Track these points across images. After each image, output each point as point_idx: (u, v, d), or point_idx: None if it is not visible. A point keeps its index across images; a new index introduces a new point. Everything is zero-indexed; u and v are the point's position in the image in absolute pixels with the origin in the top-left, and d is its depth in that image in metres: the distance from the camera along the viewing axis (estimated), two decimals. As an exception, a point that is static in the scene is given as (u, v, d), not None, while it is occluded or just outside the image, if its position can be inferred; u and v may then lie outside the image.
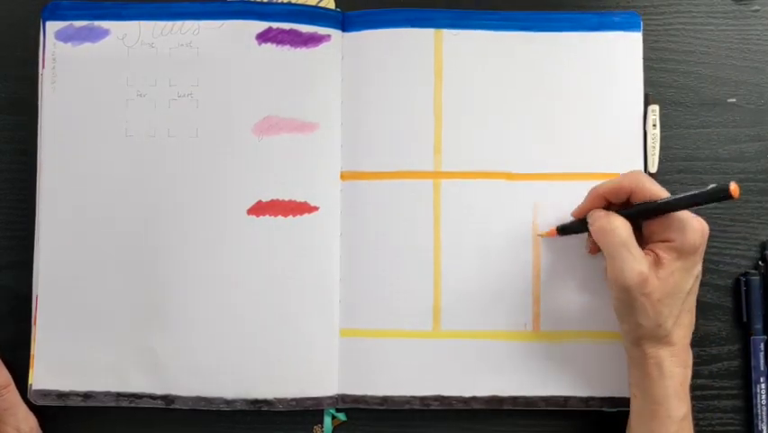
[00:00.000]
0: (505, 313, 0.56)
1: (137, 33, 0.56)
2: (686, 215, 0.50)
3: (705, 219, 0.55)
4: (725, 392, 0.57)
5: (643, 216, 0.51)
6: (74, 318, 0.55)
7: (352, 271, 0.56)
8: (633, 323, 0.50)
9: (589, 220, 0.52)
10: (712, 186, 0.48)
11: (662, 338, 0.50)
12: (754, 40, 0.58)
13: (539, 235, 0.56)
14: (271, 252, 0.56)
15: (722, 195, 0.47)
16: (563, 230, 0.55)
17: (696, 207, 0.49)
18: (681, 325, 0.50)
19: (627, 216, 0.51)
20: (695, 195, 0.48)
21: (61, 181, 0.56)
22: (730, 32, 0.58)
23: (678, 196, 0.49)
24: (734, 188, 0.46)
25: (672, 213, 0.50)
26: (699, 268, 0.51)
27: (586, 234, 0.54)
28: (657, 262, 0.49)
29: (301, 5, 0.57)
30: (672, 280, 0.49)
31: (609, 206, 0.53)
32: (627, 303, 0.49)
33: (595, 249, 0.55)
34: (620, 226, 0.50)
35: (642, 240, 0.51)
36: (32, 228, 0.56)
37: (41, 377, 0.55)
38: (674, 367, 0.50)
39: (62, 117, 0.56)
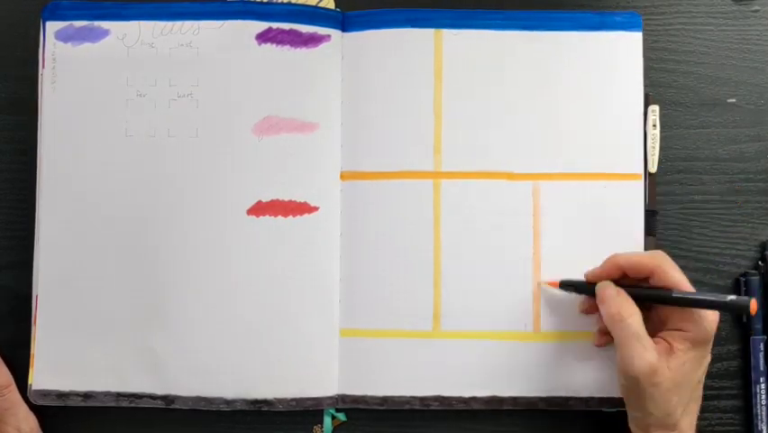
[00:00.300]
0: (505, 313, 0.56)
1: (137, 33, 0.56)
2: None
3: (706, 219, 0.55)
4: (725, 392, 0.57)
5: (657, 301, 0.51)
6: (74, 318, 0.55)
7: (352, 271, 0.56)
8: (642, 411, 0.50)
9: (598, 292, 0.52)
10: (732, 298, 0.49)
11: (670, 426, 0.50)
12: (754, 40, 0.58)
13: (540, 284, 0.56)
14: (271, 252, 0.56)
15: (740, 309, 0.49)
16: (567, 286, 0.55)
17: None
18: (690, 412, 0.50)
19: (639, 297, 0.51)
20: (715, 301, 0.49)
21: (61, 181, 0.56)
22: (730, 32, 0.58)
23: (698, 296, 0.49)
24: (753, 306, 0.48)
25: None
26: (709, 356, 0.51)
27: (583, 289, 0.54)
28: (669, 352, 0.49)
29: (301, 5, 0.57)
30: (683, 369, 0.49)
31: (624, 278, 0.52)
32: (636, 393, 0.49)
33: (589, 311, 0.55)
34: (633, 316, 0.50)
35: (653, 321, 0.51)
36: (31, 228, 0.56)
37: (41, 377, 0.55)
38: None
39: (62, 117, 0.56)
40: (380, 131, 0.57)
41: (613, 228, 0.56)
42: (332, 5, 0.58)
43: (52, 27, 0.57)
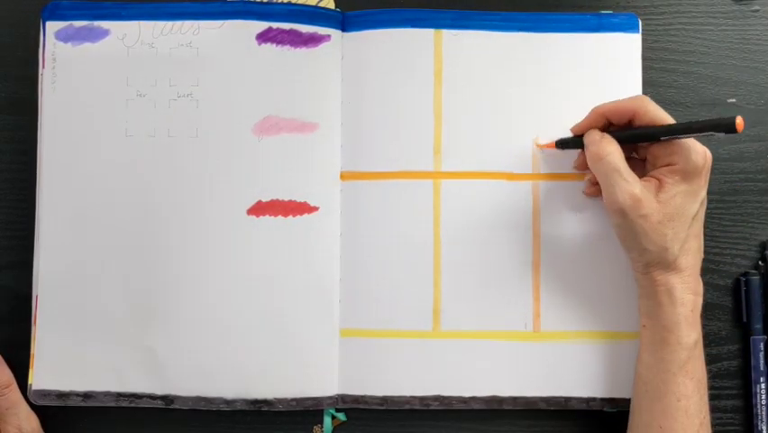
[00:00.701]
0: (505, 313, 0.56)
1: (137, 33, 0.56)
2: (689, 139, 0.50)
3: (706, 219, 0.55)
4: (725, 392, 0.57)
5: (642, 139, 0.51)
6: (74, 318, 0.55)
7: (352, 271, 0.56)
8: (638, 249, 0.50)
9: (585, 140, 0.53)
10: (715, 117, 0.48)
11: (670, 264, 0.50)
12: (754, 40, 0.58)
13: (537, 146, 0.56)
14: (271, 252, 0.56)
15: (726, 126, 0.47)
16: (562, 144, 0.55)
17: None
18: (689, 250, 0.51)
19: (623, 139, 0.51)
20: (699, 121, 0.48)
21: (61, 181, 0.56)
22: (730, 32, 0.58)
23: (681, 123, 0.50)
24: (739, 122, 0.47)
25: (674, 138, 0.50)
26: (703, 193, 0.51)
27: (576, 143, 0.55)
28: (659, 187, 0.50)
29: (301, 5, 0.57)
30: (674, 202, 0.49)
31: (609, 126, 0.53)
32: (626, 228, 0.50)
33: (582, 166, 0.55)
34: (612, 153, 0.50)
35: (645, 166, 0.52)
36: (31, 228, 0.56)
37: (41, 377, 0.55)
38: (685, 294, 0.50)
39: (62, 117, 0.56)
40: (380, 131, 0.57)
41: (613, 228, 0.56)
42: (332, 5, 0.58)
43: (52, 27, 0.57)
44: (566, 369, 0.56)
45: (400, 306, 0.56)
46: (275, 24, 0.56)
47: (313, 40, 0.57)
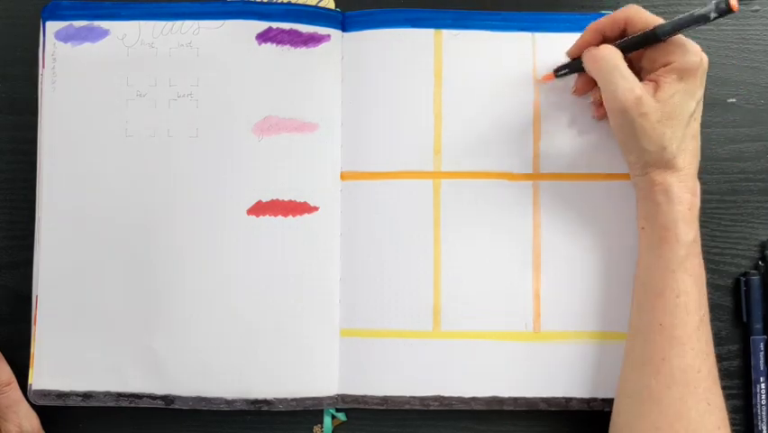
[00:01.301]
0: (505, 313, 0.56)
1: (137, 33, 0.56)
2: (683, 38, 0.50)
3: (706, 219, 0.55)
4: (725, 392, 0.57)
5: (641, 44, 0.51)
6: (74, 318, 0.55)
7: (352, 271, 0.56)
8: (637, 150, 0.51)
9: (583, 55, 0.53)
10: (712, 2, 0.48)
11: (667, 163, 0.50)
12: (754, 39, 0.58)
13: (538, 82, 0.57)
14: (271, 252, 0.56)
15: (722, 8, 0.47)
16: (560, 70, 0.56)
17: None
18: (686, 150, 0.51)
19: (623, 47, 0.51)
20: (694, 14, 0.49)
21: (61, 181, 0.56)
22: (730, 32, 0.58)
23: (675, 19, 0.50)
24: (733, 1, 0.47)
25: (669, 38, 0.50)
26: (700, 93, 0.51)
27: (575, 66, 0.55)
28: (656, 87, 0.50)
29: (301, 5, 0.57)
30: (672, 101, 0.50)
31: (606, 42, 0.53)
32: (627, 128, 0.50)
33: (581, 89, 0.55)
34: (610, 53, 0.51)
35: (643, 72, 0.52)
36: (31, 228, 0.56)
37: (41, 377, 0.55)
38: (682, 193, 0.50)
39: (62, 117, 0.56)
40: (380, 131, 0.57)
41: (613, 228, 0.56)
42: (332, 5, 0.58)
43: (52, 27, 0.57)
44: (566, 369, 0.56)
45: (400, 306, 0.56)
46: (275, 24, 0.56)
47: (313, 40, 0.57)
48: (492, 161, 0.57)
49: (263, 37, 0.56)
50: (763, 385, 0.56)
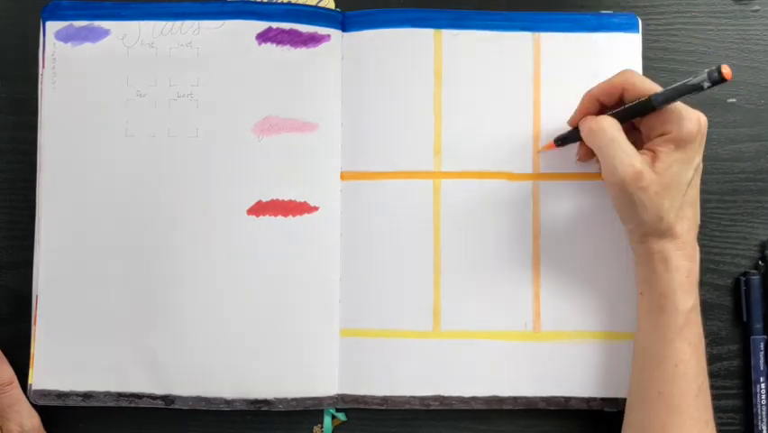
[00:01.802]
0: (505, 313, 0.56)
1: (137, 33, 0.56)
2: (680, 106, 0.50)
3: (705, 219, 0.55)
4: (725, 392, 0.57)
5: (637, 113, 0.51)
6: (74, 318, 0.55)
7: (351, 271, 0.56)
8: (635, 220, 0.50)
9: (580, 126, 0.53)
10: (705, 71, 0.47)
11: (665, 232, 0.50)
12: (754, 39, 0.58)
13: (539, 152, 0.56)
14: (271, 252, 0.56)
15: (715, 78, 0.47)
16: (561, 141, 0.55)
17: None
18: (684, 217, 0.51)
19: (620, 117, 0.51)
20: (688, 83, 0.48)
21: (61, 181, 0.56)
22: (730, 32, 0.58)
23: (669, 87, 0.49)
24: (726, 71, 0.46)
25: (666, 106, 0.50)
26: (698, 159, 0.51)
27: (574, 135, 0.55)
28: (654, 158, 0.50)
29: (301, 5, 0.57)
30: (670, 172, 0.49)
31: (604, 109, 0.53)
32: (625, 200, 0.50)
33: (585, 157, 0.55)
34: (609, 125, 0.50)
35: (640, 140, 0.52)
36: (31, 228, 0.56)
37: (41, 377, 0.55)
38: (680, 260, 0.50)
39: (62, 117, 0.56)
40: (380, 131, 0.57)
41: (612, 228, 0.56)
42: (332, 5, 0.58)
43: (52, 27, 0.57)
44: (566, 369, 0.56)
45: (400, 306, 0.56)
46: (275, 24, 0.56)
47: (313, 40, 0.57)
48: (492, 161, 0.57)
49: (263, 37, 0.56)
50: (763, 385, 0.56)
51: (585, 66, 0.57)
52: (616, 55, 0.57)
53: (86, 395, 0.55)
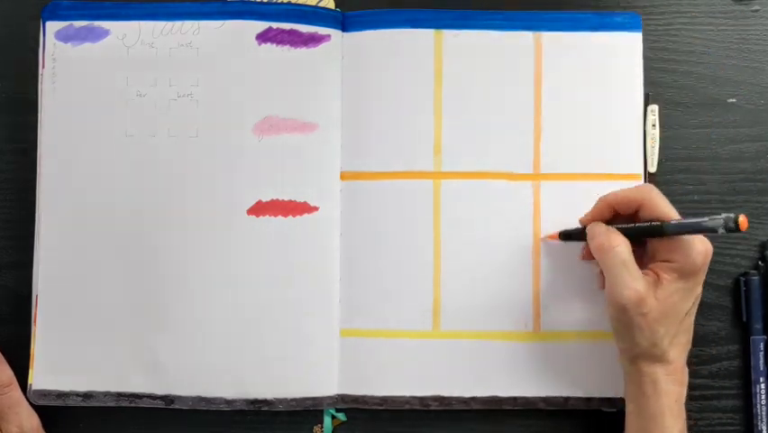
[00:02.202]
0: (505, 313, 0.56)
1: (137, 33, 0.56)
2: (689, 238, 0.49)
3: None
4: (725, 392, 0.57)
5: (647, 234, 0.51)
6: (74, 318, 0.55)
7: (351, 271, 0.56)
8: (630, 342, 0.50)
9: (588, 232, 0.52)
10: (722, 216, 0.47)
11: (657, 357, 0.50)
12: (754, 40, 0.58)
13: (542, 239, 0.56)
14: (271, 252, 0.56)
15: (730, 227, 0.47)
16: (566, 236, 0.55)
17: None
18: (678, 344, 0.50)
19: (630, 234, 0.51)
20: (703, 224, 0.48)
21: (61, 181, 0.56)
22: (730, 32, 0.58)
23: (685, 222, 0.49)
24: (742, 220, 0.46)
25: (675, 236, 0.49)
26: (699, 289, 0.51)
27: (580, 235, 0.54)
28: (657, 283, 0.50)
29: (301, 5, 0.57)
30: (670, 300, 0.49)
31: (616, 216, 0.52)
32: (624, 322, 0.50)
33: (589, 256, 0.54)
34: (620, 245, 0.50)
35: (645, 256, 0.51)
36: (31, 228, 0.56)
37: (41, 377, 0.55)
38: (669, 385, 0.50)
39: (62, 117, 0.56)
40: (380, 131, 0.57)
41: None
42: (332, 5, 0.58)
43: (52, 27, 0.57)
44: (566, 369, 0.56)
45: (400, 306, 0.56)
46: (275, 24, 0.56)
47: (313, 40, 0.57)
48: (492, 161, 0.57)
49: (263, 37, 0.56)
50: (763, 385, 0.56)
51: (586, 65, 0.57)
52: (617, 54, 0.57)
53: (86, 395, 0.55)
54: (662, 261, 0.50)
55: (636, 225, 0.51)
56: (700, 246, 0.49)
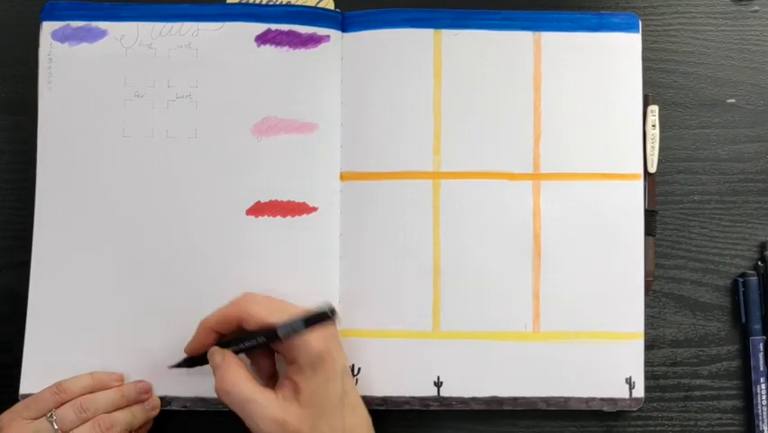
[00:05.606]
0: (505, 313, 0.56)
1: (135, 34, 0.56)
2: (301, 330, 0.48)
3: (705, 219, 0.55)
4: (725, 393, 0.57)
5: (263, 345, 0.49)
6: (72, 319, 0.55)
7: (351, 272, 0.56)
8: None
9: (210, 363, 0.50)
10: (313, 311, 0.47)
11: None
12: (754, 40, 0.58)
13: (169, 367, 0.54)
14: (270, 252, 0.56)
15: (321, 319, 0.46)
16: (180, 366, 0.54)
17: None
18: (355, 425, 0.49)
19: (246, 350, 0.50)
20: (307, 314, 0.47)
21: (58, 182, 0.56)
22: (730, 33, 0.58)
23: (281, 323, 0.48)
24: (331, 308, 0.46)
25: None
26: (340, 365, 0.49)
27: (196, 361, 0.53)
28: (295, 389, 0.48)
29: (300, 7, 0.57)
30: (316, 399, 0.48)
31: (225, 336, 0.51)
32: None
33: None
34: (237, 382, 0.48)
35: (282, 363, 0.50)
36: (32, 228, 0.56)
37: (36, 378, 0.55)
38: None
39: (59, 118, 0.56)
40: (380, 131, 0.56)
41: (613, 228, 0.56)
42: (331, 6, 0.58)
43: (49, 27, 0.56)
44: (566, 369, 0.56)
45: (400, 306, 0.56)
46: (274, 26, 0.56)
47: (312, 40, 0.57)
48: (492, 161, 0.56)
49: (262, 39, 0.56)
50: (763, 386, 0.56)
51: (585, 65, 0.57)
52: (616, 54, 0.57)
53: (86, 396, 0.55)
54: (290, 363, 0.49)
55: (247, 340, 0.50)
56: (315, 335, 0.48)
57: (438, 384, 0.56)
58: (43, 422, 0.51)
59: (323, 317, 0.47)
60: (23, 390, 0.55)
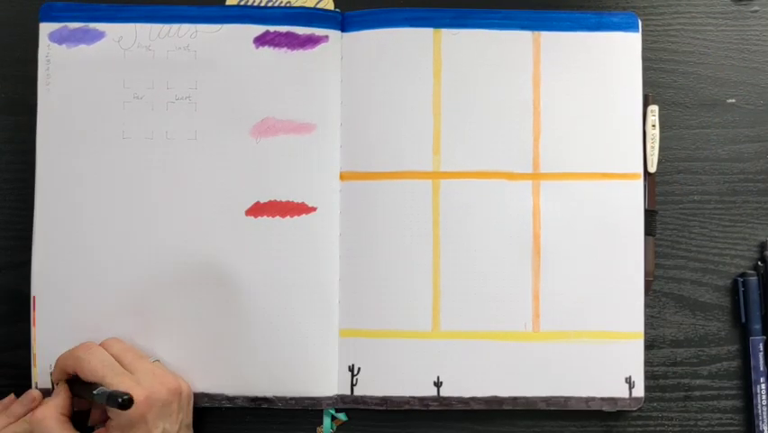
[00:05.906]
0: (505, 313, 0.56)
1: (133, 36, 0.56)
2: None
3: (705, 219, 0.55)
4: (725, 393, 0.57)
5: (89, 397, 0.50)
6: (72, 319, 0.55)
7: (351, 271, 0.56)
8: None
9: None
10: (118, 392, 0.48)
11: None
12: (754, 40, 0.58)
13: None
14: (270, 252, 0.56)
15: (116, 403, 0.47)
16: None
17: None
18: None
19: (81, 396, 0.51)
20: (98, 396, 0.48)
21: (57, 183, 0.56)
22: (730, 33, 0.58)
23: (97, 391, 0.49)
24: (129, 397, 0.47)
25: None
26: (164, 425, 0.50)
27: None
28: None
29: (298, 8, 0.57)
30: None
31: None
32: None
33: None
34: (47, 417, 0.49)
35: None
36: (32, 228, 0.56)
37: (45, 376, 0.55)
38: None
39: (57, 119, 0.56)
40: (380, 131, 0.56)
41: (613, 228, 0.56)
42: (331, 6, 0.58)
43: (46, 29, 0.56)
44: (566, 369, 0.56)
45: (400, 306, 0.56)
46: (272, 28, 0.56)
47: (310, 41, 0.56)
48: (492, 161, 0.56)
49: (260, 40, 0.56)
50: (763, 385, 0.56)
51: (585, 65, 0.57)
52: (615, 54, 0.57)
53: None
54: (111, 416, 0.50)
55: (77, 389, 0.51)
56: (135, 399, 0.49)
57: (438, 384, 0.56)
58: None
59: (118, 404, 0.47)
60: (42, 384, 0.55)
